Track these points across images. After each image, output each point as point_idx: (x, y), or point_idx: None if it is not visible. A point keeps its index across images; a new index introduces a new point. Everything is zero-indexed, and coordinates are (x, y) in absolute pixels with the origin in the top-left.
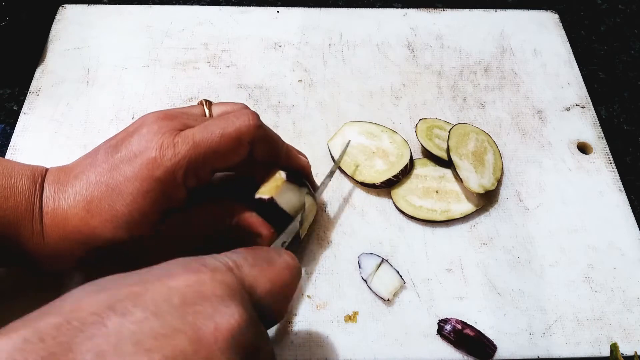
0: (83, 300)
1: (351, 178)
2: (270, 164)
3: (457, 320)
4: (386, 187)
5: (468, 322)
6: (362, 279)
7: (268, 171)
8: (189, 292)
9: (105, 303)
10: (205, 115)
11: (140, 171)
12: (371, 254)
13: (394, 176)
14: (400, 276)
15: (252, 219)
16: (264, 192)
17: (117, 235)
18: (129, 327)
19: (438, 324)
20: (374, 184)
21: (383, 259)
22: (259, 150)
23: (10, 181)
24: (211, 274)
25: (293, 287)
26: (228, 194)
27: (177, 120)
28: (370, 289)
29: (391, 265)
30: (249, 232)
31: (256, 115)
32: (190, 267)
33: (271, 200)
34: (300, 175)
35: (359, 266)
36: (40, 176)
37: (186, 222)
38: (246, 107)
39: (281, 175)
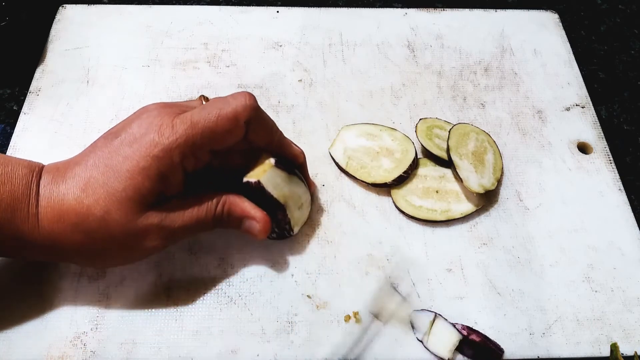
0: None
1: (360, 181)
2: (263, 152)
3: (463, 326)
4: (397, 185)
5: (471, 326)
6: (418, 339)
7: (258, 157)
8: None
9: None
10: None
11: (139, 150)
12: (422, 310)
13: (404, 172)
14: (456, 329)
15: (244, 204)
16: (252, 176)
17: (109, 213)
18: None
19: None
20: (385, 183)
21: (436, 313)
22: (254, 132)
23: (7, 169)
24: None
25: None
26: (224, 188)
27: (176, 107)
28: (428, 349)
29: (445, 320)
30: (243, 218)
31: (253, 97)
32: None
33: (258, 183)
34: (291, 164)
35: (412, 327)
36: (37, 167)
37: (180, 209)
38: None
39: (270, 160)
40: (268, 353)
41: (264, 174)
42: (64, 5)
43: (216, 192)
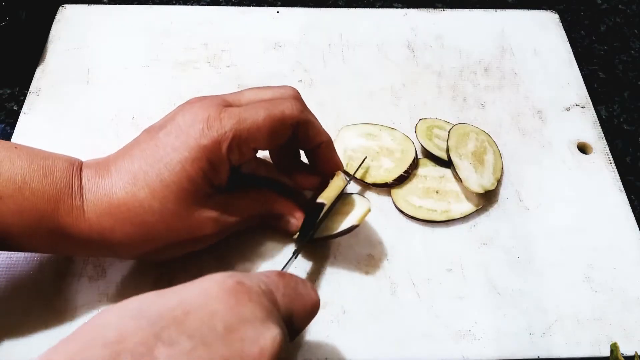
0: (125, 328)
1: (361, 181)
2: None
3: None
4: (398, 184)
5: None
6: None
7: (329, 178)
8: (231, 317)
9: (150, 331)
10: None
11: (187, 141)
12: None
13: (405, 172)
14: None
15: (285, 201)
16: (346, 214)
17: (166, 206)
18: (179, 359)
19: None
20: (386, 183)
21: None
22: (301, 134)
23: (48, 162)
24: (249, 295)
25: (311, 318)
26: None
27: (219, 99)
28: None
29: None
30: (283, 215)
31: (300, 102)
32: (227, 287)
33: (355, 227)
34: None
35: None
36: (76, 161)
37: (234, 204)
38: (290, 89)
39: (368, 204)
40: None
41: (362, 218)
42: (64, 5)
43: (258, 189)
